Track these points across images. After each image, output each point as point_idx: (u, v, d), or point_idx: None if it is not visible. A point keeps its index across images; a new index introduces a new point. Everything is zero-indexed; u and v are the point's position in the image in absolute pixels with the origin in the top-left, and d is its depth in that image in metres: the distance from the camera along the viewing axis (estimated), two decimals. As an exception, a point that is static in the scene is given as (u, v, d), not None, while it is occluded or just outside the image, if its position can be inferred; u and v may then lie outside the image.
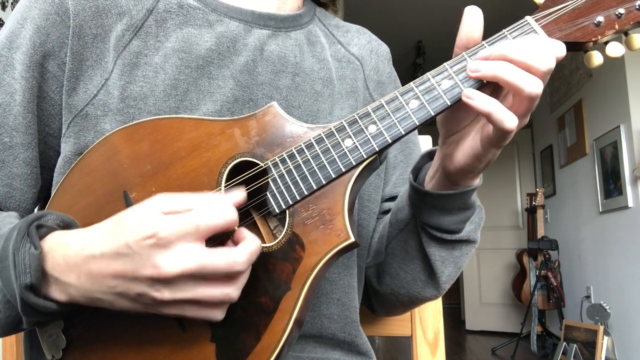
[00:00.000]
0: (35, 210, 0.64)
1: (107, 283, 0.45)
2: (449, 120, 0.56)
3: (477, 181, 0.59)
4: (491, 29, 0.51)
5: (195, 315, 0.45)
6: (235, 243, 0.47)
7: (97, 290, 0.45)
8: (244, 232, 0.47)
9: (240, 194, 0.48)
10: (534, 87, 0.48)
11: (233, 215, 0.45)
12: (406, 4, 4.44)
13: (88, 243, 0.46)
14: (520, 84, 0.48)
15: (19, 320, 0.50)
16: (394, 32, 4.88)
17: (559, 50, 0.49)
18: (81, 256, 0.45)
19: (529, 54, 0.48)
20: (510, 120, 0.48)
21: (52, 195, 0.57)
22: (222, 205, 0.45)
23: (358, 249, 0.72)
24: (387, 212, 0.76)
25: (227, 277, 0.45)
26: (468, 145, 0.54)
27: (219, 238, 0.47)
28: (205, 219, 0.43)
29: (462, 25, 0.51)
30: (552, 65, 0.48)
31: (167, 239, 0.42)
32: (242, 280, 0.46)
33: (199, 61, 0.63)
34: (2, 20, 2.26)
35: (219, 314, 0.46)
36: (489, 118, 0.49)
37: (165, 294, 0.43)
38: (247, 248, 0.45)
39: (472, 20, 0.51)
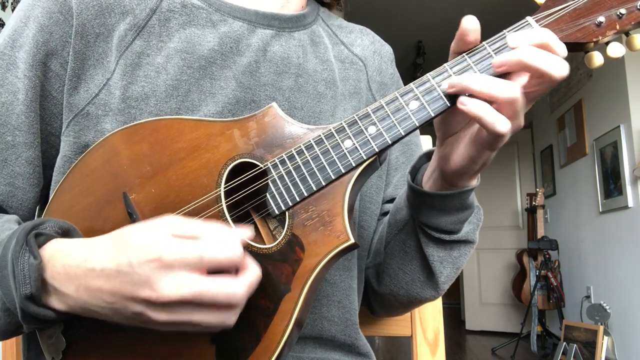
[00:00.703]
0: (37, 209, 0.64)
1: (105, 299, 0.44)
2: (446, 122, 0.56)
3: (475, 182, 0.59)
4: (492, 29, 0.51)
5: (191, 332, 0.46)
6: (236, 270, 0.46)
7: (94, 304, 0.45)
8: (246, 261, 0.46)
9: (249, 232, 0.47)
10: (508, 92, 0.48)
11: (238, 253, 0.44)
12: (406, 4, 4.44)
13: (90, 255, 0.45)
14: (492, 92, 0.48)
15: (18, 326, 0.50)
16: (394, 32, 4.88)
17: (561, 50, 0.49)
18: (82, 268, 0.45)
19: (547, 62, 0.48)
20: (501, 124, 0.48)
21: (52, 196, 0.57)
22: (230, 241, 0.44)
23: (359, 251, 0.72)
24: (388, 213, 0.76)
25: (224, 306, 0.44)
26: (463, 147, 0.54)
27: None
28: (210, 252, 0.43)
29: (458, 36, 0.51)
30: (565, 73, 0.48)
31: (169, 264, 0.42)
32: (240, 309, 0.46)
33: (201, 61, 0.63)
34: (2, 20, 2.26)
35: (215, 331, 0.46)
36: (480, 122, 0.49)
37: (161, 315, 0.43)
38: (247, 280, 0.45)
39: (469, 30, 0.50)
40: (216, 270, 0.44)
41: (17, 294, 0.45)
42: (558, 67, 0.48)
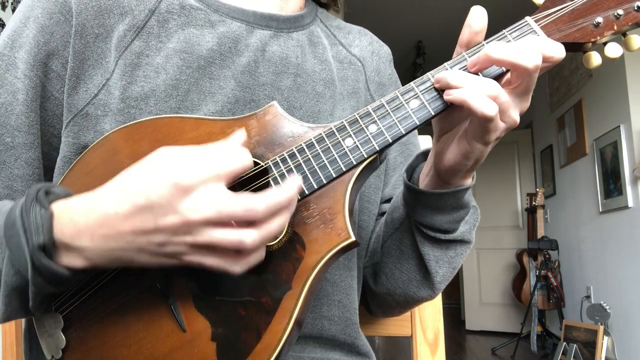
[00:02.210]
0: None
1: (126, 239, 0.44)
2: (443, 119, 0.56)
3: (469, 181, 0.59)
4: (491, 29, 0.52)
5: (215, 265, 0.45)
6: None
7: (115, 247, 0.45)
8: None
9: (240, 133, 0.48)
10: (488, 109, 0.48)
11: (249, 159, 0.46)
12: (406, 4, 4.44)
13: (97, 205, 0.45)
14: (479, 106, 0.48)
15: (24, 291, 0.47)
16: (394, 32, 4.88)
17: (555, 50, 0.49)
18: (92, 218, 0.45)
19: (514, 53, 0.48)
20: (488, 107, 0.48)
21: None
22: (236, 150, 0.45)
23: (358, 250, 0.72)
24: (385, 213, 0.76)
25: (244, 222, 0.44)
26: (457, 142, 0.54)
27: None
28: (224, 165, 0.44)
29: (466, 24, 0.52)
30: (537, 62, 0.48)
31: (188, 186, 0.42)
32: (260, 233, 0.44)
33: (200, 61, 0.63)
34: (2, 20, 2.26)
35: (237, 267, 0.45)
36: (466, 106, 0.49)
37: (187, 238, 0.43)
38: (266, 197, 0.44)
39: (476, 20, 0.51)
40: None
41: (28, 247, 0.44)
42: (526, 57, 0.48)
